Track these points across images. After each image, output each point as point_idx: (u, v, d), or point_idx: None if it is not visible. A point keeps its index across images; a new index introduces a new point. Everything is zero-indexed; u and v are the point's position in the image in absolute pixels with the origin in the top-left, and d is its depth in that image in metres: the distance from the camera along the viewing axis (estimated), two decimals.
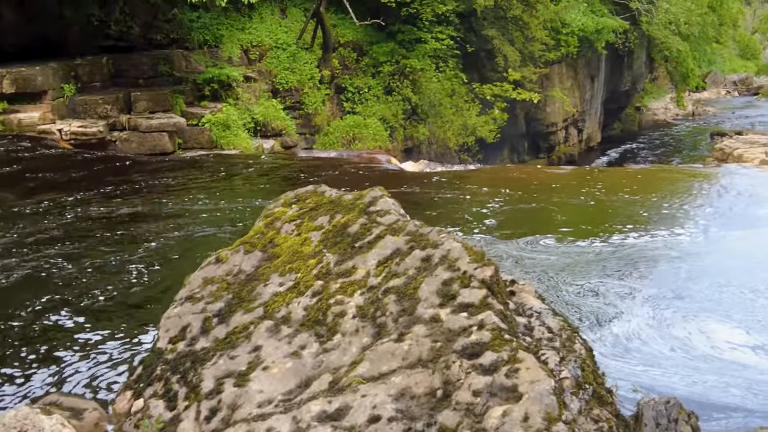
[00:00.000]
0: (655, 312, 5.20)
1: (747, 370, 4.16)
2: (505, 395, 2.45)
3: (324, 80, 18.47)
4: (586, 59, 28.05)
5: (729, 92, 52.31)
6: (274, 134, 16.33)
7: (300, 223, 3.66)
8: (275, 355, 2.97)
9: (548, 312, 3.01)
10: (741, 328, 4.88)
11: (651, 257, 6.81)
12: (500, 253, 7.03)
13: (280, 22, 19.12)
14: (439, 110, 20.64)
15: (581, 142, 30.31)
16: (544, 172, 14.58)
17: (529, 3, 22.72)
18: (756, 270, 6.35)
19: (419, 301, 2.92)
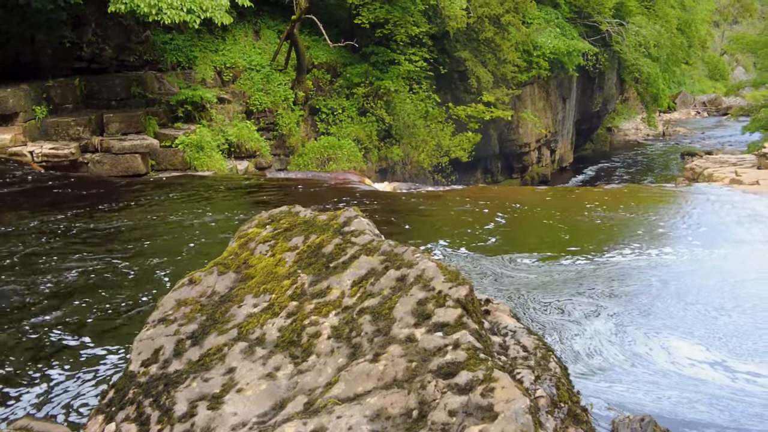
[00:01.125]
0: (618, 329, 5.26)
1: (705, 385, 4.22)
2: (480, 415, 2.43)
3: (298, 101, 18.50)
4: (558, 81, 28.37)
5: (699, 113, 53.10)
6: (248, 155, 16.30)
7: (274, 244, 3.65)
8: (249, 377, 2.94)
9: (523, 331, 3.01)
10: (702, 345, 4.94)
11: (626, 275, 6.87)
12: (484, 270, 7.11)
13: (254, 44, 19.16)
14: (413, 131, 20.74)
15: (554, 163, 30.57)
16: (519, 192, 14.69)
17: (501, 25, 22.96)
18: (726, 289, 6.42)
19: (394, 321, 2.91)
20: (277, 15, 20.06)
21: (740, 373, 4.41)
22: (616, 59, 30.29)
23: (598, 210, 10.71)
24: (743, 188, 11.60)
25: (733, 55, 68.01)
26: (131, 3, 12.99)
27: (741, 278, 6.80)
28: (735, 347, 4.89)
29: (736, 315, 5.62)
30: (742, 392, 4.08)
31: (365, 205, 10.69)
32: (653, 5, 33.71)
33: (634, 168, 32.81)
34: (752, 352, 4.80)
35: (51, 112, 14.49)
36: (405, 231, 9.26)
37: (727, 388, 4.17)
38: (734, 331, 5.22)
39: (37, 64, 15.29)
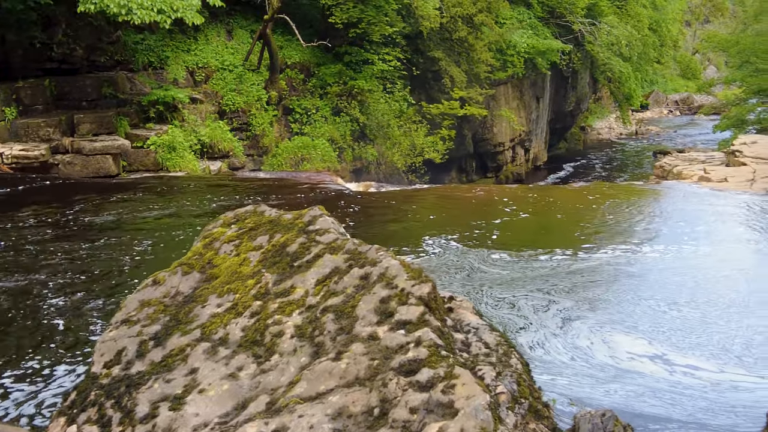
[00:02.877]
0: (564, 323, 5.32)
1: (642, 378, 4.28)
2: (441, 412, 2.44)
3: (271, 101, 18.43)
4: (532, 80, 28.50)
5: (671, 111, 53.61)
6: (221, 156, 16.23)
7: (239, 244, 3.63)
8: (212, 378, 2.92)
9: (486, 327, 3.02)
10: (645, 339, 5.02)
11: (594, 271, 6.93)
12: (463, 265, 7.16)
13: (227, 44, 19.07)
14: (387, 131, 20.74)
15: (528, 162, 30.71)
16: (495, 190, 14.73)
17: (474, 25, 23.02)
18: (688, 284, 6.51)
19: (357, 319, 2.91)
20: (250, 15, 19.97)
21: (678, 366, 4.49)
22: (589, 59, 30.50)
23: (572, 207, 10.79)
24: (711, 186, 11.73)
25: (705, 54, 68.66)
26: (101, 3, 12.88)
27: (703, 275, 6.88)
28: (678, 341, 4.97)
29: (686, 310, 5.70)
30: (680, 385, 4.15)
31: (339, 205, 10.68)
32: (625, 5, 33.97)
33: (609, 166, 33.07)
34: (694, 346, 4.88)
35: (21, 114, 14.33)
36: (379, 230, 9.27)
37: (664, 381, 4.23)
38: (680, 326, 5.30)
39: (7, 65, 15.10)
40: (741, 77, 30.91)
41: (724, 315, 5.54)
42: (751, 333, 5.10)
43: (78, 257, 7.59)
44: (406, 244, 8.35)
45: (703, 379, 4.27)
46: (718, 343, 4.91)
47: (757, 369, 4.45)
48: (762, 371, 4.42)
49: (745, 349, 4.78)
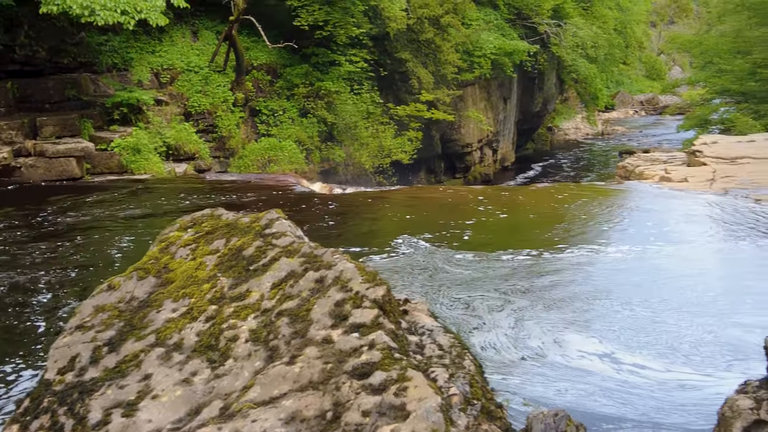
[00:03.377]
0: (517, 323, 5.37)
1: (591, 377, 4.34)
2: (393, 414, 2.45)
3: (238, 103, 18.35)
4: (499, 81, 28.67)
5: (637, 112, 54.22)
6: (186, 158, 16.12)
7: (195, 248, 3.61)
8: (165, 383, 2.91)
9: (440, 329, 3.04)
10: (595, 338, 5.07)
11: (555, 271, 6.99)
12: (426, 266, 7.20)
13: (192, 45, 18.95)
14: (354, 132, 20.74)
15: (496, 162, 30.88)
16: (462, 191, 14.80)
17: (441, 26, 23.11)
18: (645, 285, 6.58)
19: (312, 322, 2.91)
20: (215, 16, 19.86)
21: (626, 365, 4.55)
22: (555, 60, 30.75)
23: (537, 208, 10.88)
24: (672, 185, 11.87)
25: (670, 55, 69.60)
26: (63, 4, 12.74)
27: (661, 275, 6.97)
28: (627, 340, 5.04)
29: (639, 309, 5.77)
30: (628, 384, 4.21)
31: (303, 207, 10.67)
32: (590, 6, 34.34)
33: (576, 166, 33.38)
34: (642, 345, 4.94)
35: None
36: (346, 232, 9.27)
37: (612, 380, 4.29)
38: (631, 325, 5.37)
39: None
40: (705, 78, 31.34)
41: (675, 314, 5.62)
42: (701, 332, 5.17)
43: (53, 258, 7.59)
44: (375, 244, 8.37)
45: (650, 377, 4.34)
46: (667, 342, 4.98)
47: (704, 367, 4.52)
48: (708, 369, 4.49)
49: (694, 348, 4.86)
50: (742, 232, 8.54)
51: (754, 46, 27.01)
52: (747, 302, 5.92)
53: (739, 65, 27.16)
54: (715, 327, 5.28)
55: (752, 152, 13.75)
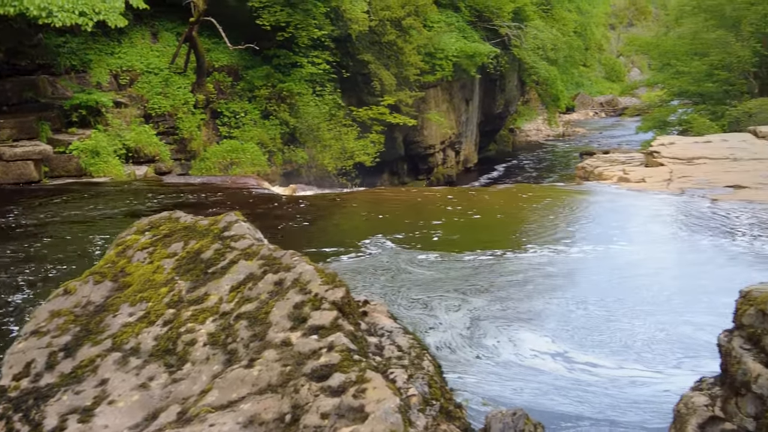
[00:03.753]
0: (473, 322, 5.41)
1: (543, 375, 4.40)
2: (352, 416, 2.45)
3: (199, 105, 18.20)
4: (461, 83, 28.81)
5: (597, 113, 54.86)
6: (147, 160, 15.95)
7: (153, 251, 3.57)
8: (122, 388, 2.87)
9: (399, 330, 3.05)
10: (548, 337, 5.14)
11: (515, 271, 7.04)
12: (389, 266, 7.22)
13: (152, 47, 18.75)
14: (317, 134, 20.68)
15: (459, 164, 31.02)
16: (427, 192, 14.86)
17: (403, 29, 23.16)
18: (602, 284, 6.67)
19: (270, 325, 2.90)
20: (175, 17, 19.66)
21: (578, 364, 4.62)
22: (517, 62, 30.97)
23: (503, 208, 10.95)
24: (630, 186, 12.04)
25: (629, 57, 70.49)
26: (20, 5, 12.54)
27: (619, 274, 7.06)
28: (580, 339, 5.11)
29: (594, 308, 5.84)
30: (580, 382, 4.27)
31: (265, 209, 10.62)
32: (550, 9, 34.66)
33: (538, 167, 33.65)
34: (595, 344, 5.01)
35: None
36: (310, 233, 9.25)
37: (564, 378, 4.35)
38: (585, 324, 5.44)
39: None
40: (663, 79, 31.80)
41: (630, 313, 5.71)
42: (654, 330, 5.26)
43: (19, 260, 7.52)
44: (342, 246, 8.36)
45: (602, 375, 4.40)
46: (620, 340, 5.06)
47: (655, 365, 4.60)
48: (659, 367, 4.57)
49: (646, 346, 4.94)
50: (699, 231, 8.68)
51: (710, 47, 27.48)
52: (701, 301, 6.03)
53: (697, 67, 27.61)
54: (668, 325, 5.37)
55: (708, 153, 14.00)
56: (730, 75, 26.51)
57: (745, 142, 15.31)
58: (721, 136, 16.81)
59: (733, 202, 10.00)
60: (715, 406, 2.88)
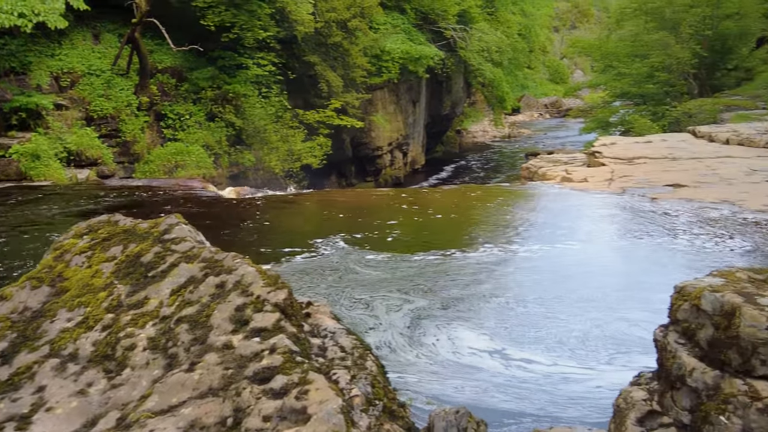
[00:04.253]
0: (413, 322, 5.47)
1: (480, 373, 4.47)
2: (294, 418, 2.44)
3: (142, 107, 17.93)
4: (408, 85, 28.91)
5: (541, 114, 55.59)
6: (89, 163, 15.66)
7: (91, 255, 3.51)
8: (60, 395, 2.82)
9: (342, 331, 3.04)
10: (487, 335, 5.23)
11: (460, 270, 7.10)
12: (337, 267, 7.22)
13: (93, 48, 18.41)
14: (263, 136, 20.55)
15: (406, 165, 31.13)
16: (376, 193, 14.87)
17: (349, 30, 23.16)
18: (544, 282, 6.76)
19: (212, 328, 2.87)
20: (117, 18, 19.33)
21: (514, 361, 4.70)
22: (462, 64, 31.22)
23: (452, 209, 11.01)
24: (572, 186, 12.22)
25: (572, 59, 71.61)
26: None
27: (561, 272, 7.16)
28: (517, 336, 5.20)
29: (533, 306, 5.94)
30: (515, 378, 4.34)
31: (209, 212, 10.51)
32: (495, 12, 35.02)
33: (485, 168, 33.94)
34: (532, 340, 5.11)
35: None
36: (246, 237, 9.18)
37: (501, 375, 4.42)
38: (523, 321, 5.53)
39: None
40: (605, 81, 32.37)
41: (567, 310, 5.81)
42: (590, 326, 5.36)
43: None
44: (293, 246, 8.33)
45: (536, 372, 4.48)
46: (555, 337, 5.15)
47: (588, 361, 4.70)
48: (592, 363, 4.67)
49: (580, 343, 5.04)
50: (639, 230, 8.85)
51: (651, 49, 28.05)
52: (637, 298, 6.16)
53: (638, 68, 28.16)
54: (603, 322, 5.49)
55: (649, 152, 14.29)
56: (670, 76, 27.11)
57: (684, 141, 15.68)
58: (660, 136, 17.19)
59: (672, 201, 10.23)
60: (653, 400, 2.93)
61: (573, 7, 79.25)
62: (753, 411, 2.14)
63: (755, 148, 14.20)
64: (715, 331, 2.37)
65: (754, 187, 10.75)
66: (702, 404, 2.33)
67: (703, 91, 27.83)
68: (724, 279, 2.54)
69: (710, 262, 7.25)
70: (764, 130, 15.41)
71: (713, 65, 29.49)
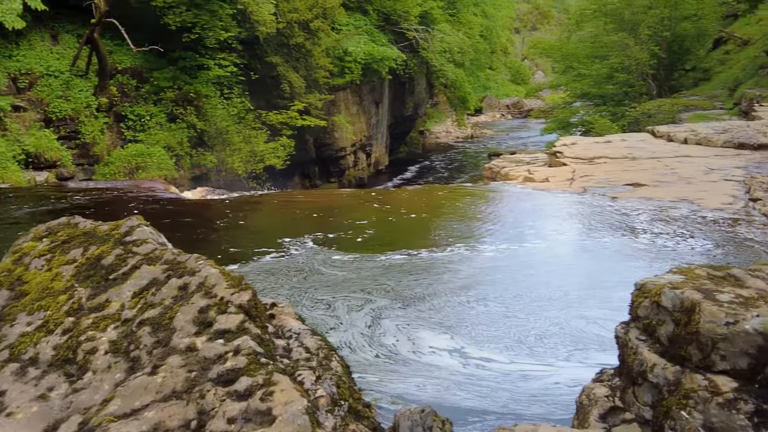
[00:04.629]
0: (374, 321, 5.50)
1: (441, 371, 4.52)
2: (260, 419, 2.43)
3: (102, 108, 17.71)
4: (371, 86, 28.93)
5: (503, 115, 55.99)
6: (48, 166, 15.43)
7: (51, 258, 3.46)
8: (20, 400, 2.77)
9: (307, 332, 3.04)
10: (447, 334, 5.28)
11: (425, 270, 7.13)
12: (302, 267, 7.21)
13: (52, 49, 18.14)
14: (226, 137, 20.41)
15: (370, 166, 31.15)
16: (341, 194, 14.86)
17: (311, 31, 23.11)
18: (506, 281, 6.82)
19: (175, 331, 2.85)
20: (76, 19, 19.06)
21: (473, 359, 4.76)
22: (425, 65, 31.31)
23: (418, 208, 11.04)
24: (534, 185, 12.32)
25: (533, 60, 72.26)
26: None
27: (524, 271, 7.22)
28: (477, 335, 5.25)
29: (493, 305, 6.00)
30: (474, 377, 4.39)
31: (174, 213, 10.42)
32: (457, 13, 35.18)
33: (448, 169, 34.08)
34: (491, 339, 5.17)
35: None
36: (212, 238, 9.12)
37: (459, 373, 4.46)
38: (483, 320, 5.59)
39: None
40: (565, 82, 32.70)
41: (527, 308, 5.88)
42: (548, 324, 5.44)
43: None
44: (258, 247, 8.30)
45: (495, 370, 4.54)
46: (514, 335, 5.22)
47: (546, 358, 4.77)
48: (549, 360, 4.74)
49: (538, 340, 5.11)
50: (600, 228, 8.95)
51: (610, 50, 28.40)
52: (596, 296, 6.24)
53: (597, 69, 28.49)
54: (562, 320, 5.56)
55: (609, 152, 14.46)
56: (629, 77, 27.47)
57: (643, 141, 15.89)
58: (620, 136, 17.39)
59: (632, 200, 10.36)
60: (615, 396, 2.97)
61: (533, 8, 79.99)
62: (713, 405, 2.18)
63: (713, 147, 14.44)
64: (676, 327, 2.41)
65: (713, 185, 10.93)
66: (663, 400, 2.37)
67: (661, 91, 28.25)
68: (683, 276, 2.58)
69: (670, 260, 7.37)
70: (722, 129, 15.68)
71: (671, 66, 29.95)
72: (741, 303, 2.28)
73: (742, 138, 14.44)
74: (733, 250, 7.74)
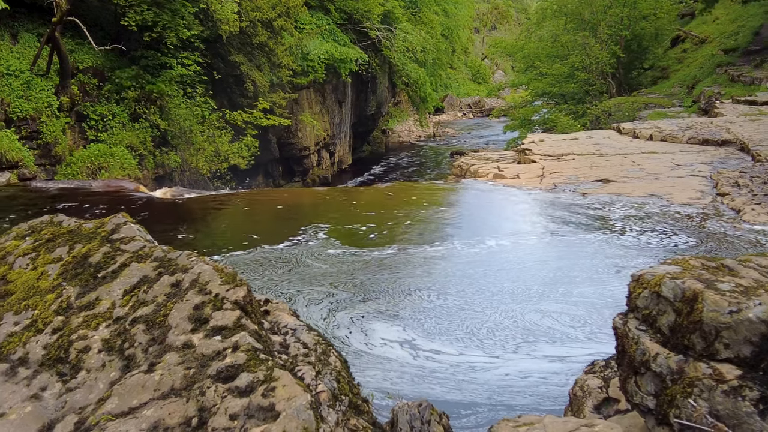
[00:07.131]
0: (330, 314, 5.55)
1: (390, 363, 4.58)
2: (262, 415, 2.41)
3: (63, 108, 17.40)
4: (333, 85, 28.88)
5: (465, 114, 56.24)
6: (9, 166, 15.12)
7: (36, 256, 3.40)
8: (12, 400, 2.72)
9: (303, 328, 3.02)
10: (400, 326, 5.35)
11: (396, 265, 7.15)
12: (288, 259, 7.18)
13: (11, 48, 17.78)
14: (189, 137, 20.21)
15: (334, 165, 31.11)
16: (313, 192, 14.81)
17: (274, 30, 22.98)
18: (471, 275, 6.87)
19: (170, 328, 2.81)
20: (36, 18, 18.72)
21: (423, 351, 4.83)
22: (387, 64, 31.35)
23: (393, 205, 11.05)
24: (505, 182, 12.40)
25: (494, 60, 72.72)
26: None
27: (491, 266, 7.27)
28: (430, 327, 5.34)
29: (452, 299, 6.07)
30: (422, 368, 4.46)
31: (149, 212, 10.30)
32: (418, 12, 35.27)
33: (412, 167, 34.16)
34: (443, 331, 5.24)
35: None
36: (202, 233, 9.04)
37: (409, 365, 4.53)
38: (438, 313, 5.67)
39: None
40: (526, 81, 33.01)
41: (484, 302, 5.96)
42: (502, 318, 5.52)
43: None
44: (228, 245, 8.26)
45: (443, 362, 4.62)
46: (467, 328, 5.30)
47: (494, 350, 4.89)
48: (498, 352, 4.84)
49: (490, 333, 5.19)
50: (570, 224, 9.04)
51: (570, 50, 28.74)
52: (558, 291, 6.31)
53: (558, 69, 28.79)
54: (517, 313, 5.64)
55: (576, 149, 14.62)
56: (589, 76, 27.81)
57: (609, 138, 16.09)
58: (587, 133, 17.59)
59: (601, 196, 10.49)
60: (609, 387, 3.00)
61: (493, 8, 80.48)
62: (719, 393, 2.21)
63: (678, 143, 14.67)
64: (677, 317, 2.44)
65: (679, 181, 11.11)
66: (667, 389, 2.40)
67: (621, 89, 28.65)
68: (679, 267, 2.61)
69: (636, 254, 7.47)
70: (686, 126, 15.94)
71: (630, 65, 30.40)
72: (742, 292, 2.32)
73: (706, 134, 14.70)
74: (710, 244, 7.88)
